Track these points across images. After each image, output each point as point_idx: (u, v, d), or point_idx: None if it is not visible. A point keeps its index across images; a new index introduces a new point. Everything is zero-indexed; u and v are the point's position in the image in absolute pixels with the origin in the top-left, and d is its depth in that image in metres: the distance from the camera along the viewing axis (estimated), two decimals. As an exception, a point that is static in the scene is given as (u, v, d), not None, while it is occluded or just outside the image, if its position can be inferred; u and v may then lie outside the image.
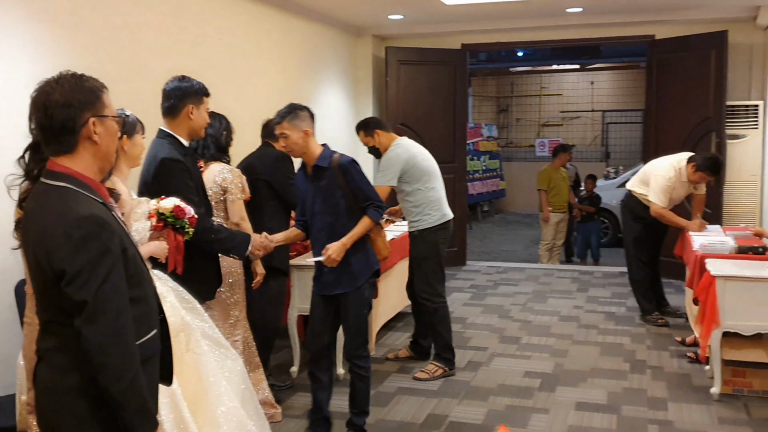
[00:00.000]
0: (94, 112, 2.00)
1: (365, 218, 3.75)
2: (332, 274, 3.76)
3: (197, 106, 3.48)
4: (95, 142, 2.01)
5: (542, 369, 5.11)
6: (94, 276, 1.88)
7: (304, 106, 3.77)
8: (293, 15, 6.90)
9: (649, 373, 4.99)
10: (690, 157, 5.95)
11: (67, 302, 1.89)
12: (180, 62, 5.03)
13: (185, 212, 3.13)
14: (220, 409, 2.97)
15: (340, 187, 3.71)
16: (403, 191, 5.01)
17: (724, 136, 7.39)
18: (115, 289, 1.91)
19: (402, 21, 8.04)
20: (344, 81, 8.19)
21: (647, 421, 4.21)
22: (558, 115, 17.53)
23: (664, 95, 7.96)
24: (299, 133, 3.68)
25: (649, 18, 7.78)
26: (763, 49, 7.65)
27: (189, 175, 3.45)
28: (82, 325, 1.87)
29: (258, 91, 6.19)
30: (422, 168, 4.97)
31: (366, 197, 3.75)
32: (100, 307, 1.88)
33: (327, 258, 3.66)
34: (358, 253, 3.76)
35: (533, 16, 7.90)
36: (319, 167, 3.72)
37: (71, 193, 1.95)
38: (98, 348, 1.87)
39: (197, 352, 2.98)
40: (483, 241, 11.78)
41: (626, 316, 6.49)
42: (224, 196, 3.91)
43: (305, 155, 3.75)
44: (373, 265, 3.86)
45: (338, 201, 3.72)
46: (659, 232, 6.35)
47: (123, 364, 1.90)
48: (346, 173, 3.71)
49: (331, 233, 3.72)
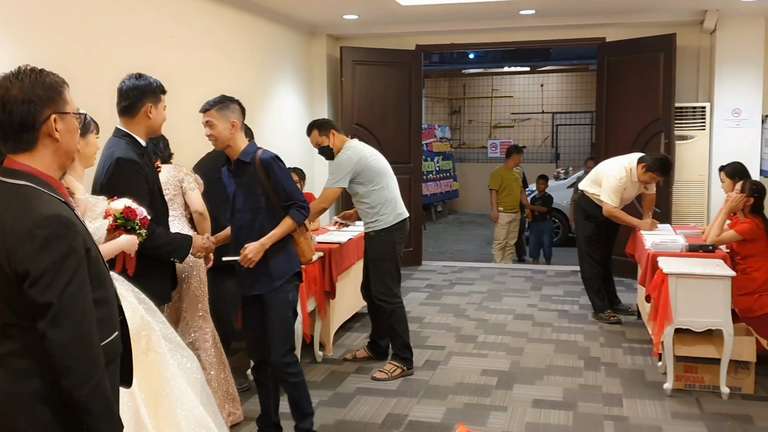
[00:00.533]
0: (55, 108, 1.94)
1: (287, 218, 3.61)
2: (250, 275, 3.63)
3: (156, 105, 3.40)
4: (56, 139, 1.95)
5: (499, 367, 5.15)
6: (59, 277, 1.82)
7: (236, 99, 3.68)
8: (247, 13, 6.82)
9: (603, 370, 5.07)
10: (640, 157, 6.09)
11: (29, 305, 1.82)
12: (131, 59, 4.93)
13: (136, 213, 3.06)
14: (182, 409, 2.92)
15: (260, 184, 3.56)
16: (358, 193, 4.97)
17: (672, 137, 7.55)
18: (80, 290, 1.86)
19: (357, 21, 8.02)
20: (299, 80, 8.13)
21: (603, 417, 4.27)
22: (509, 117, 17.73)
23: (614, 97, 8.11)
24: (226, 123, 3.55)
25: (600, 21, 7.91)
26: (709, 52, 7.85)
27: (144, 177, 3.38)
28: (46, 329, 1.81)
29: (211, 90, 6.00)
30: (374, 168, 4.94)
31: (288, 196, 3.60)
32: (65, 309, 1.82)
33: (243, 257, 3.54)
34: (278, 253, 3.62)
35: (487, 17, 7.96)
36: (242, 162, 3.59)
37: (33, 192, 1.88)
38: (63, 351, 1.82)
39: (159, 351, 2.93)
40: (437, 241, 11.83)
41: (579, 314, 6.58)
42: (182, 189, 3.91)
43: (229, 148, 3.61)
44: (293, 267, 3.70)
45: (258, 198, 3.58)
46: (611, 231, 6.47)
47: (88, 368, 1.85)
48: (268, 169, 3.55)
49: (250, 232, 3.60)
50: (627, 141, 7.73)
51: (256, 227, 3.59)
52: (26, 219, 1.83)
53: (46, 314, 1.81)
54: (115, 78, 3.47)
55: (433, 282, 7.93)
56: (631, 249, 6.23)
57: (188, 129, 4.75)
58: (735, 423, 4.14)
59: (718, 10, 7.35)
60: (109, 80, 3.53)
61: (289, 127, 7.83)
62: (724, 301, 4.45)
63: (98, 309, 1.94)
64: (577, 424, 4.17)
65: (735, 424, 4.12)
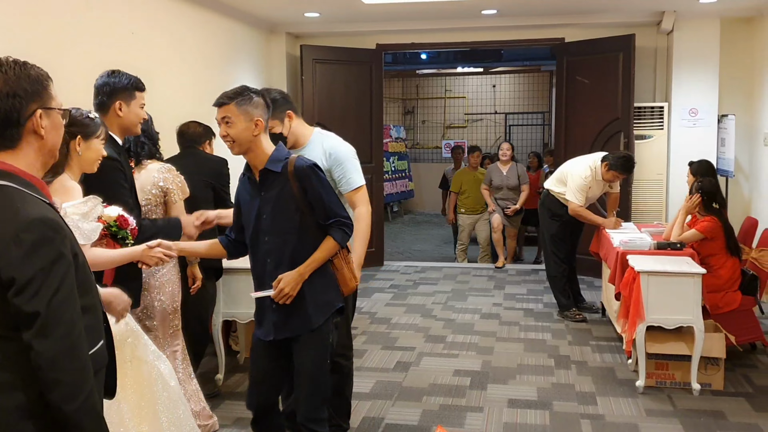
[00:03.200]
0: (41, 103, 1.82)
1: (328, 240, 2.96)
2: (280, 313, 2.97)
3: (127, 103, 3.28)
4: (41, 136, 1.83)
5: (471, 367, 5.12)
6: (47, 285, 1.69)
7: (260, 91, 3.01)
8: (206, 9, 6.67)
9: (574, 369, 5.08)
10: (603, 156, 6.15)
11: (14, 314, 1.69)
12: (90, 56, 4.77)
13: (128, 223, 2.94)
14: (166, 416, 2.83)
15: (295, 199, 2.91)
16: None
17: (631, 137, 7.65)
18: (68, 298, 1.73)
19: (318, 19, 7.93)
20: (258, 79, 7.99)
21: (579, 416, 4.27)
22: (462, 117, 17.80)
23: (573, 97, 8.18)
24: (249, 123, 2.87)
25: (560, 21, 7.97)
26: (666, 52, 7.98)
27: (123, 175, 3.26)
28: (33, 339, 1.69)
29: (168, 88, 5.91)
30: None
31: (329, 213, 2.95)
32: (53, 318, 1.69)
33: (278, 292, 2.89)
34: (316, 285, 2.97)
35: (449, 17, 7.95)
36: (270, 172, 2.93)
37: (16, 193, 1.75)
38: (51, 363, 1.69)
39: (144, 359, 2.82)
40: (395, 241, 11.78)
41: (544, 312, 6.61)
42: (165, 197, 3.70)
43: (252, 154, 2.93)
44: (335, 302, 3.05)
45: (292, 217, 2.93)
46: (575, 229, 6.52)
47: (78, 380, 1.73)
48: (305, 181, 2.91)
49: (279, 258, 2.95)
50: (586, 141, 7.81)
51: (288, 253, 2.95)
52: (11, 222, 1.70)
53: (32, 324, 1.69)
54: (73, 74, 3.34)
55: (396, 282, 7.88)
56: (596, 247, 6.28)
57: None
58: (708, 419, 4.19)
59: (675, 12, 7.48)
60: (66, 77, 3.38)
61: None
62: (695, 299, 4.49)
63: (85, 316, 1.82)
64: (554, 424, 4.17)
65: (708, 420, 4.17)
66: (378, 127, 8.70)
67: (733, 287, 5.02)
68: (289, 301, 2.91)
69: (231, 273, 4.66)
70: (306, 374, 2.98)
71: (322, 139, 3.58)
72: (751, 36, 7.69)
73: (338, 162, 3.49)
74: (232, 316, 4.77)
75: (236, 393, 4.63)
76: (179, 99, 5.90)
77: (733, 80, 7.76)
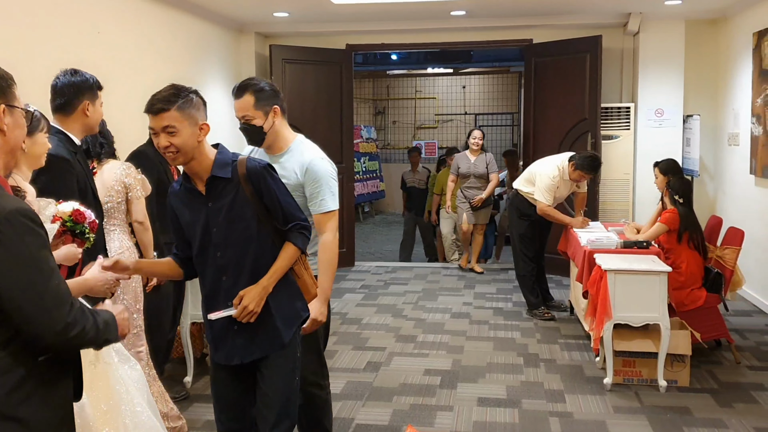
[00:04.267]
0: (6, 100, 1.81)
1: (288, 246, 2.69)
2: (245, 333, 2.67)
3: (93, 102, 3.27)
4: (3, 132, 1.82)
5: (441, 366, 5.14)
6: (38, 272, 1.73)
7: (194, 89, 2.66)
8: (174, 8, 6.62)
9: (543, 367, 5.12)
10: (570, 156, 6.22)
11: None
12: (57, 55, 4.71)
13: (85, 216, 2.89)
14: (131, 419, 2.79)
15: (250, 205, 2.63)
16: None
17: (599, 137, 7.74)
18: (55, 277, 1.76)
19: (287, 19, 7.91)
20: (227, 79, 7.94)
21: (548, 413, 4.31)
22: (433, 118, 17.86)
23: (541, 97, 8.25)
24: (194, 128, 2.55)
25: (528, 22, 8.03)
26: (632, 53, 8.08)
27: (74, 176, 3.22)
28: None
29: (136, 88, 5.83)
30: None
31: (288, 216, 2.69)
32: (52, 301, 1.74)
33: (241, 310, 2.58)
34: (281, 296, 2.70)
35: (418, 18, 7.98)
36: (218, 179, 2.62)
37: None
38: (60, 344, 1.77)
39: (108, 361, 2.78)
40: (366, 241, 11.79)
41: (514, 311, 6.65)
42: (127, 194, 3.69)
43: (194, 162, 2.59)
44: (301, 312, 2.81)
45: (249, 225, 2.64)
46: (544, 229, 6.58)
47: (86, 341, 1.83)
48: (259, 183, 2.63)
49: (238, 273, 2.65)
50: (554, 141, 7.88)
51: (249, 265, 2.66)
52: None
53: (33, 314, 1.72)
54: (39, 74, 3.30)
55: (367, 282, 7.88)
56: (564, 246, 6.34)
57: (112, 127, 4.48)
58: (675, 415, 4.25)
59: (641, 13, 7.58)
60: (33, 77, 3.34)
61: (216, 128, 7.62)
62: (661, 296, 4.56)
63: None
64: (523, 421, 4.20)
65: (675, 416, 4.23)
66: (348, 127, 8.69)
67: (696, 284, 5.10)
68: (253, 319, 2.61)
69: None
70: (277, 398, 2.69)
71: (302, 149, 3.13)
72: (715, 37, 7.83)
73: (315, 179, 3.07)
74: (200, 318, 4.73)
75: (205, 396, 4.59)
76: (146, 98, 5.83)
77: (698, 81, 7.89)
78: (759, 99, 6.57)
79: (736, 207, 7.27)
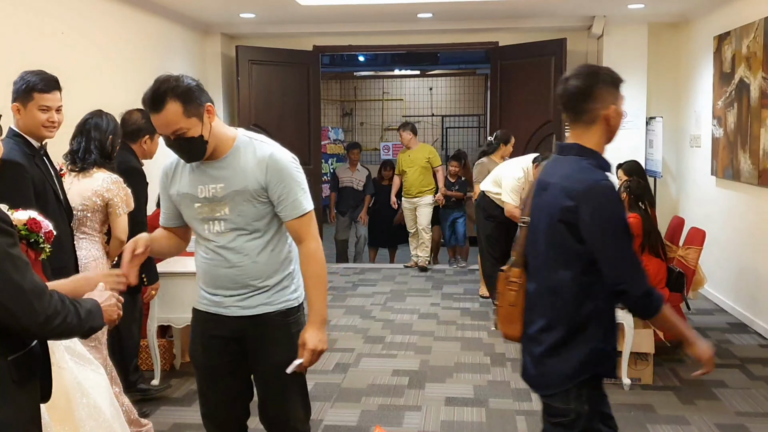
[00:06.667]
0: None
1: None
2: None
3: (24, 105, 3.25)
4: None
5: (409, 367, 5.16)
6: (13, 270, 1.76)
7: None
8: (138, 9, 6.55)
9: (509, 366, 5.17)
10: (534, 158, 6.28)
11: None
12: (20, 56, 4.65)
13: (41, 226, 2.84)
14: (89, 424, 2.76)
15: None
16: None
17: (563, 139, 7.81)
18: (28, 272, 1.79)
19: (253, 20, 7.87)
20: (193, 80, 7.88)
21: (514, 412, 4.35)
22: (400, 120, 17.86)
23: (507, 100, 8.33)
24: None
25: (494, 25, 8.11)
26: (596, 56, 8.19)
27: (28, 180, 3.19)
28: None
29: (99, 90, 5.78)
30: None
31: None
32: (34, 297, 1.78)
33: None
34: None
35: (385, 20, 8.01)
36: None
37: None
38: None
39: (61, 366, 2.75)
40: (334, 243, 11.76)
41: (480, 311, 6.70)
42: (107, 209, 3.64)
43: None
44: None
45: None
46: (510, 229, 6.63)
47: (69, 329, 1.89)
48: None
49: None
50: (519, 143, 7.90)
51: None
52: None
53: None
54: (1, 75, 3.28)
55: (336, 284, 7.87)
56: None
57: (70, 128, 4.35)
58: (638, 412, 4.32)
59: (605, 17, 7.69)
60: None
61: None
62: (625, 295, 4.61)
63: None
64: (490, 420, 4.24)
65: (638, 413, 4.29)
66: (316, 128, 8.68)
67: (659, 284, 5.16)
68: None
69: (165, 276, 4.59)
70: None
71: (254, 145, 2.57)
72: (677, 40, 7.97)
73: (281, 177, 2.54)
74: (167, 321, 4.71)
75: (172, 399, 4.57)
76: (111, 100, 5.76)
77: (661, 83, 8.03)
78: (720, 101, 6.70)
79: (698, 207, 7.41)
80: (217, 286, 2.65)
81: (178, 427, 4.14)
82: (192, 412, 4.33)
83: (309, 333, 2.57)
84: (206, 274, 2.67)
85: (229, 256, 2.59)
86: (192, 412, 4.34)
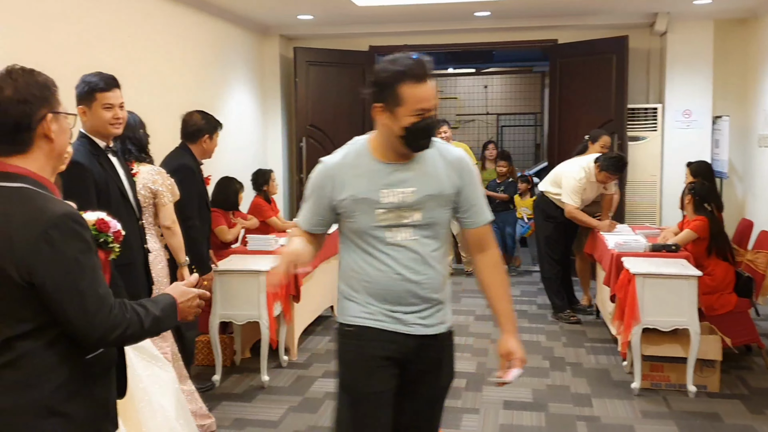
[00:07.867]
0: (50, 108, 1.86)
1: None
2: None
3: (88, 107, 3.35)
4: (51, 139, 1.87)
5: (466, 369, 5.11)
6: (81, 275, 1.79)
7: None
8: (198, 12, 6.64)
9: (569, 370, 5.08)
10: (596, 157, 6.16)
11: (38, 311, 1.77)
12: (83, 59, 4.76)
13: (109, 226, 2.87)
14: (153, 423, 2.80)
15: None
16: None
17: (625, 138, 7.67)
18: (97, 281, 1.83)
19: (311, 21, 7.91)
20: (251, 81, 7.97)
21: (575, 417, 4.28)
22: (454, 118, 17.81)
23: (566, 98, 8.19)
24: None
25: (552, 23, 7.97)
26: (659, 54, 8.00)
27: (89, 181, 3.26)
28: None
29: (159, 92, 5.88)
30: None
31: None
32: (93, 305, 1.79)
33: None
34: None
35: (442, 19, 7.95)
36: None
37: (33, 193, 1.80)
38: (100, 344, 1.85)
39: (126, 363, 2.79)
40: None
41: (538, 314, 6.61)
42: (154, 200, 3.71)
43: None
44: None
45: None
46: (570, 231, 6.53)
47: (128, 338, 1.89)
48: None
49: None
50: (579, 142, 7.73)
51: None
52: (38, 221, 1.74)
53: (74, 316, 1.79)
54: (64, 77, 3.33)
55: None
56: (591, 249, 6.28)
57: None
58: (704, 420, 4.19)
59: (668, 13, 7.50)
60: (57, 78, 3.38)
61: (241, 128, 7.68)
62: (691, 301, 4.49)
63: None
64: (550, 425, 4.17)
65: (704, 422, 4.17)
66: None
67: (727, 289, 5.03)
68: None
69: (227, 274, 4.66)
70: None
71: (436, 146, 2.47)
72: (744, 37, 7.71)
73: (471, 180, 2.50)
74: (228, 317, 4.76)
75: (233, 394, 4.62)
76: (171, 101, 5.86)
77: (727, 81, 7.78)
78: (789, 100, 6.47)
79: (767, 210, 7.17)
80: (395, 300, 2.38)
81: (239, 422, 4.18)
82: (252, 408, 4.39)
83: (512, 342, 2.49)
84: (379, 285, 2.37)
85: (415, 266, 2.36)
86: (252, 407, 4.40)
